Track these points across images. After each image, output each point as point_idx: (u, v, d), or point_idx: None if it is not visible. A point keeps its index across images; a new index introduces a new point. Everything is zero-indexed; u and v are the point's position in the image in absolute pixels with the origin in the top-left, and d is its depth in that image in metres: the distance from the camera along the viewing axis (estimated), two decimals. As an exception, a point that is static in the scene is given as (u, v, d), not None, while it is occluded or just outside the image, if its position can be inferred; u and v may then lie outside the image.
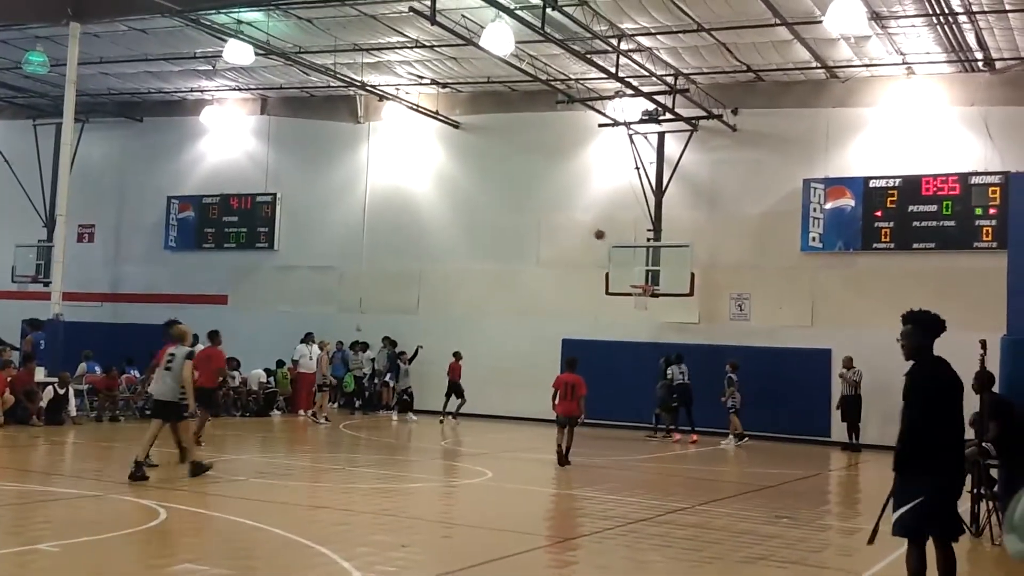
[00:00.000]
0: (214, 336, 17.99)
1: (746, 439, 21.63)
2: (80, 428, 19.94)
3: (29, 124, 31.11)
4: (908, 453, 7.11)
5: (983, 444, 10.78)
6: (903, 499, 7.10)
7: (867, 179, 23.47)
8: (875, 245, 23.37)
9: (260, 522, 10.64)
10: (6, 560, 8.33)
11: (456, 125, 27.99)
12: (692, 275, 23.56)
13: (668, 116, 24.19)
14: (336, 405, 27.37)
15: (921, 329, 7.32)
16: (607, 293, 24.19)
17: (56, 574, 8.10)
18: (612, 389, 23.15)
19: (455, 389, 24.93)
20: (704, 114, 24.22)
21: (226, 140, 30.75)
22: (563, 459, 16.84)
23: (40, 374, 20.71)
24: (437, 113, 27.74)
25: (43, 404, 19.81)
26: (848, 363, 22.05)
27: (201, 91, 30.05)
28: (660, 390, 22.51)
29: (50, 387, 20.08)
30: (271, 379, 25.88)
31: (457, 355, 24.99)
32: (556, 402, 16.86)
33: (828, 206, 23.74)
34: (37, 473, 14.78)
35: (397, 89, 27.37)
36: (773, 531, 11.16)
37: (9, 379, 19.46)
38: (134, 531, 9.60)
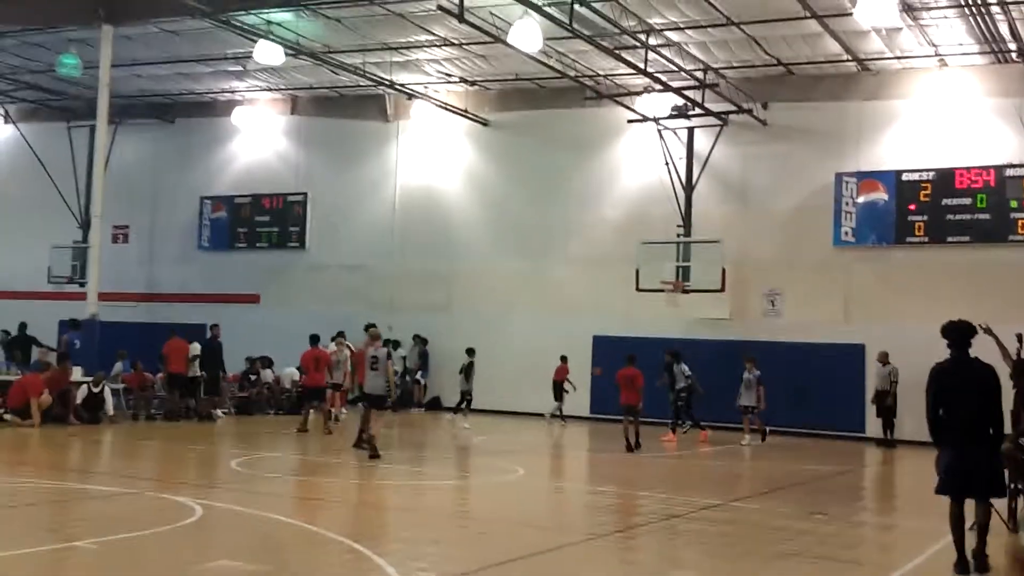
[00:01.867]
0: (315, 339, 20.43)
1: (744, 442, 20.71)
2: (116, 427, 20.15)
3: (63, 127, 31.41)
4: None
5: (1020, 439, 10.65)
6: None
7: (900, 172, 23.24)
8: (908, 239, 23.14)
9: (295, 519, 10.73)
10: (45, 557, 8.45)
11: (485, 123, 28.01)
12: (723, 271, 23.42)
13: (697, 111, 24.07)
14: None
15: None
16: (637, 289, 24.11)
17: (94, 571, 8.20)
18: (643, 385, 23.00)
19: (556, 391, 24.48)
20: (734, 108, 24.09)
21: (257, 140, 30.94)
22: (629, 446, 18.27)
23: (77, 374, 20.94)
24: (466, 111, 27.78)
25: (78, 403, 20.02)
26: (883, 358, 21.83)
27: (232, 92, 30.26)
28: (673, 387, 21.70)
29: (84, 386, 20.30)
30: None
31: (564, 358, 24.50)
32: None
33: (860, 200, 23.54)
34: (74, 471, 14.97)
35: (426, 88, 27.43)
36: (807, 527, 11.10)
37: (46, 379, 19.71)
38: (171, 528, 9.69)
